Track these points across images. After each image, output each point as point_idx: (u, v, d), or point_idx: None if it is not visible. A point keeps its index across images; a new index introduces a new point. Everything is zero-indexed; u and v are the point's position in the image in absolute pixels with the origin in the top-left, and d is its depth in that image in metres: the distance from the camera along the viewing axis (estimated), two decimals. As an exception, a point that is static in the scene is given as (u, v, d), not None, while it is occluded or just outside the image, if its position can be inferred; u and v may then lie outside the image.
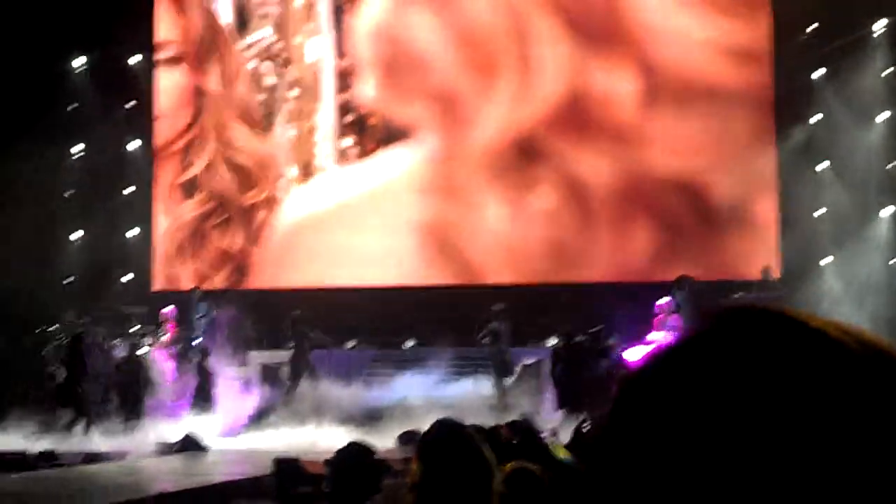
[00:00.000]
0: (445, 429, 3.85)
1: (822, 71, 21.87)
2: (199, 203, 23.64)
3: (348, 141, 23.17)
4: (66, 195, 23.74)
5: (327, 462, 6.02)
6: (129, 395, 19.28)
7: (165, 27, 24.10)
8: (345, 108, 23.21)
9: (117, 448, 16.51)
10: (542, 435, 7.77)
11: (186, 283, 22.86)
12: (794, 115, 21.69)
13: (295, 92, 23.47)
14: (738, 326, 0.75)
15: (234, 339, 20.14)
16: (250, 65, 23.67)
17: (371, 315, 21.15)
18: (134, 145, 24.26)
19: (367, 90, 22.88)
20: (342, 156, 23.16)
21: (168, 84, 23.99)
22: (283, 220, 23.24)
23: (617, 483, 0.74)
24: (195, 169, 23.73)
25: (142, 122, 24.11)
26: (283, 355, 20.32)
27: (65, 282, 23.32)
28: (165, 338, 20.83)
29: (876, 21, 21.69)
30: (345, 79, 23.21)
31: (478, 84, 22.30)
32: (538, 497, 4.30)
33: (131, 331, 21.18)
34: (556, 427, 8.16)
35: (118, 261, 23.60)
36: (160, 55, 23.95)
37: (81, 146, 23.96)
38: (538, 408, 15.42)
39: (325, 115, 23.33)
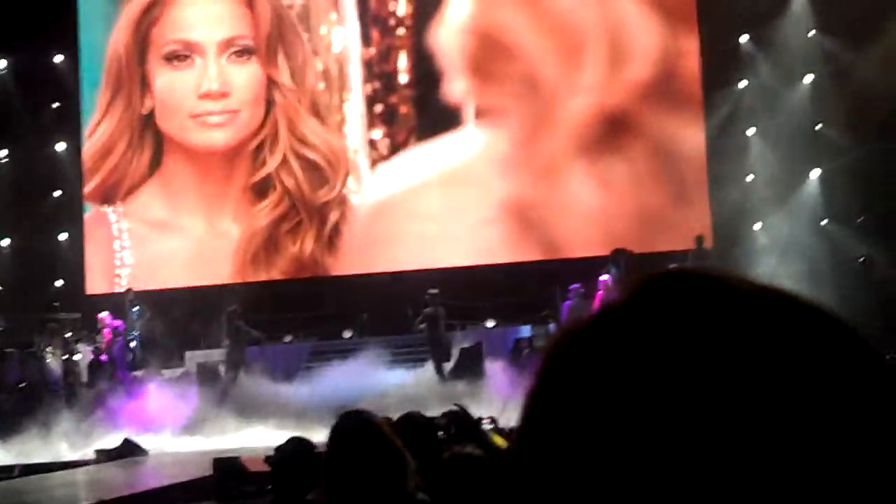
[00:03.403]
0: (352, 420, 3.75)
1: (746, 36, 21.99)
2: (272, 205, 22.66)
3: (377, 133, 22.66)
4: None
5: (268, 459, 5.92)
6: (68, 402, 19.07)
7: (235, 21, 22.98)
8: (372, 99, 22.71)
9: (56, 457, 16.25)
10: (484, 422, 7.69)
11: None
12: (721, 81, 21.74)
13: (321, 85, 22.88)
14: (661, 293, 0.71)
15: (170, 338, 19.85)
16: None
17: (313, 306, 20.98)
18: (60, 147, 23.90)
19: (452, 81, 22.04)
20: (372, 147, 22.63)
21: (240, 79, 22.87)
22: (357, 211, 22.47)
23: (538, 466, 0.70)
24: (269, 167, 22.72)
25: (68, 123, 23.74)
26: (220, 353, 20.08)
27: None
28: (103, 342, 20.59)
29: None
30: (371, 68, 22.74)
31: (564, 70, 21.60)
32: (481, 482, 4.24)
33: (67, 336, 20.86)
34: (495, 415, 8.06)
35: (49, 266, 23.24)
36: (231, 49, 22.79)
37: (6, 150, 23.60)
38: (479, 393, 15.27)
39: (354, 107, 22.71)
